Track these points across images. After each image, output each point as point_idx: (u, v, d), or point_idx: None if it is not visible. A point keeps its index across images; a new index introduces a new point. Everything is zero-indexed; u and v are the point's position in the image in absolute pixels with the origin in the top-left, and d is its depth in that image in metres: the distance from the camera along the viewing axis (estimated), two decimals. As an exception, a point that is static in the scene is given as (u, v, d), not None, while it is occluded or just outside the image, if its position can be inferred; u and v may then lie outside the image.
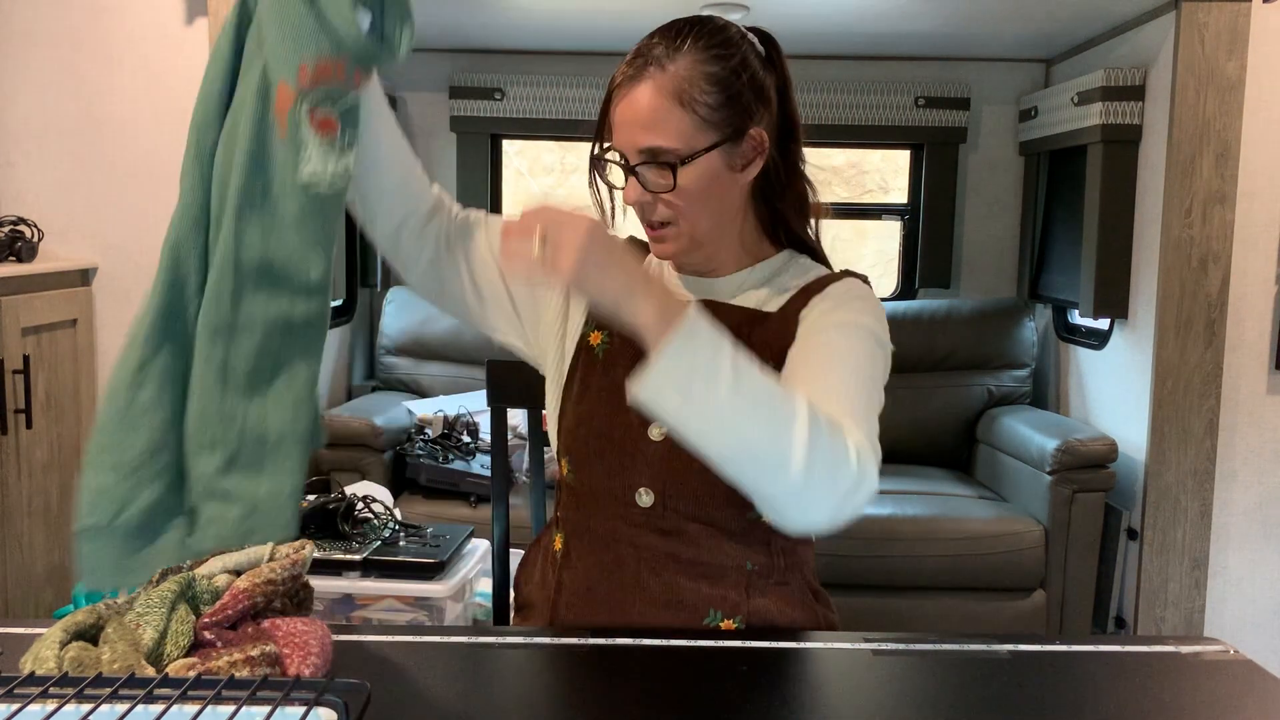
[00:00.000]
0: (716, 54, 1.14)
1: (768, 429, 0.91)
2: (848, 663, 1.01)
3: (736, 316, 1.17)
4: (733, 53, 1.14)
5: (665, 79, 1.12)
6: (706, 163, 1.13)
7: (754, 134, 1.16)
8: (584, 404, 1.21)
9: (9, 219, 2.62)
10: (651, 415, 0.94)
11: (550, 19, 3.03)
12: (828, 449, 0.92)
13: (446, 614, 1.93)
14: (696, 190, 1.13)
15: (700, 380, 0.90)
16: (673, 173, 1.11)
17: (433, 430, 2.99)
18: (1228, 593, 2.85)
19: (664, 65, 1.12)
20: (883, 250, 3.92)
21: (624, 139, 1.14)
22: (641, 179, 1.14)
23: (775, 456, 0.90)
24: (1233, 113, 2.62)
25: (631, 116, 1.13)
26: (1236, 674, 1.00)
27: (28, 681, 0.76)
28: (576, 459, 1.21)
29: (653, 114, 1.11)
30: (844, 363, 1.07)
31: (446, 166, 3.59)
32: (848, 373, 1.06)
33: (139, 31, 2.71)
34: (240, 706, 0.73)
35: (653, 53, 1.13)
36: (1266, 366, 2.77)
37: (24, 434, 2.45)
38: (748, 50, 1.16)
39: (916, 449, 3.36)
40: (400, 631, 1.08)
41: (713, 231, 1.18)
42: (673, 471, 1.14)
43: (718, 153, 1.13)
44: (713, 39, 1.14)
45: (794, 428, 0.91)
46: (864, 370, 1.08)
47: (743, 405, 0.90)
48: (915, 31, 3.13)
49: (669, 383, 0.91)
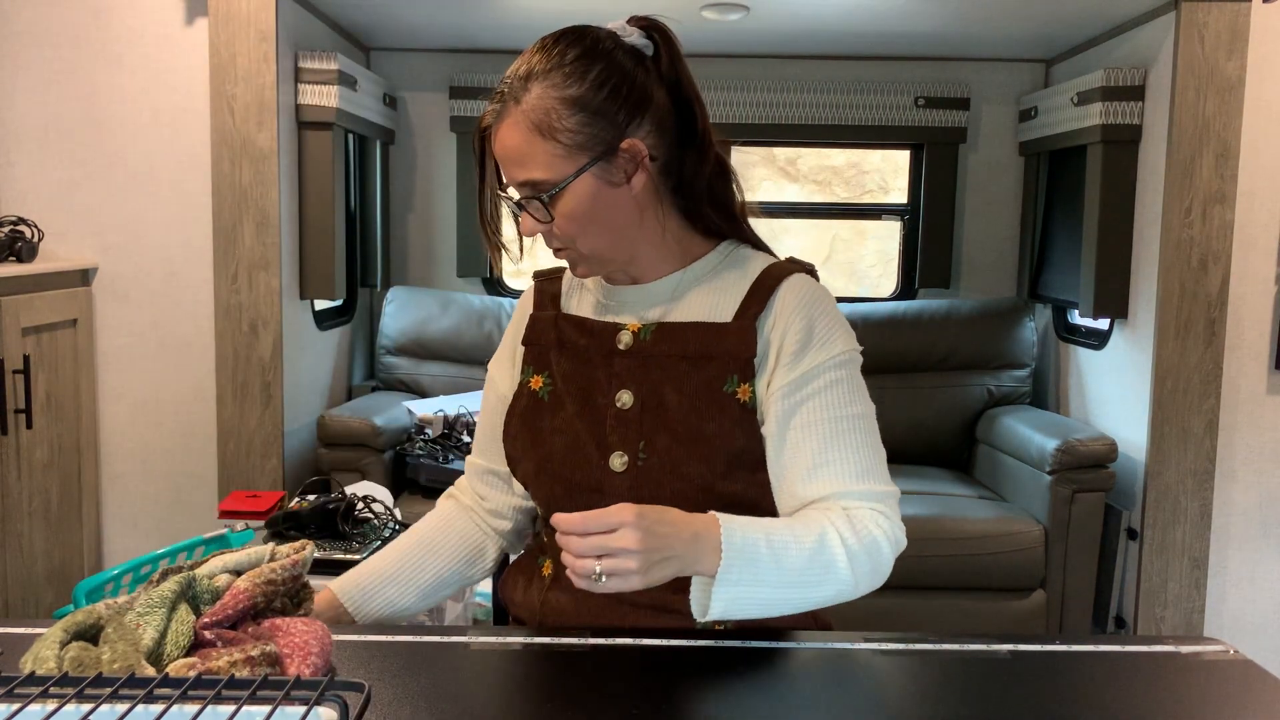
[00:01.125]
0: (570, 72, 1.10)
1: (818, 589, 1.07)
2: (848, 663, 1.01)
3: (694, 333, 1.17)
4: (590, 67, 1.10)
5: (522, 113, 1.10)
6: (580, 186, 1.12)
7: (626, 146, 1.12)
8: (540, 448, 1.21)
9: (9, 219, 2.62)
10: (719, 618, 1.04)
11: (550, 19, 3.02)
12: (867, 564, 1.09)
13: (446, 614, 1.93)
14: (578, 214, 1.13)
15: (754, 586, 1.03)
16: (544, 206, 1.12)
17: (433, 430, 2.99)
18: (1228, 593, 2.85)
19: (519, 99, 1.10)
20: (883, 250, 3.92)
21: (506, 175, 1.15)
22: (528, 208, 1.15)
23: (831, 598, 1.09)
24: (1233, 113, 2.62)
25: (502, 154, 1.13)
26: (1236, 674, 1.00)
27: (28, 681, 0.76)
28: (545, 501, 1.22)
29: (518, 150, 1.11)
30: (847, 430, 1.14)
31: (446, 166, 3.59)
32: (852, 437, 1.14)
33: (139, 31, 2.71)
34: (240, 706, 0.73)
35: (510, 86, 1.12)
36: (1266, 366, 2.77)
37: (24, 434, 2.45)
38: (615, 58, 1.12)
39: (916, 449, 3.36)
40: (400, 631, 1.08)
41: (615, 246, 1.17)
42: (640, 498, 1.12)
43: (589, 175, 1.11)
44: (565, 58, 1.11)
45: (838, 574, 1.07)
46: (860, 423, 1.15)
47: (793, 583, 1.05)
48: (915, 31, 3.13)
49: (730, 602, 1.03)
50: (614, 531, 0.98)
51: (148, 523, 2.86)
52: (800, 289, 1.17)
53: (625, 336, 1.19)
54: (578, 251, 1.16)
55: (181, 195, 2.76)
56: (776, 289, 1.17)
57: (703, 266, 1.21)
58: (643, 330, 1.19)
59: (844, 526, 1.08)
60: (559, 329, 1.24)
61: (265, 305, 2.68)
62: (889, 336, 3.38)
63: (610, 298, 1.24)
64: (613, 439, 1.16)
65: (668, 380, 1.16)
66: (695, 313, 1.19)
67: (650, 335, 1.18)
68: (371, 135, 3.31)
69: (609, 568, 0.98)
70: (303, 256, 2.92)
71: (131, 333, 2.79)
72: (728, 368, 1.15)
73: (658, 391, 1.16)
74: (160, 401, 2.82)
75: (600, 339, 1.21)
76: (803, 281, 1.18)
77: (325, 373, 3.21)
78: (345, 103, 2.92)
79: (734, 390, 1.15)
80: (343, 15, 3.07)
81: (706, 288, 1.20)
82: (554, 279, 1.31)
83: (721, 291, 1.19)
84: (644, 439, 1.15)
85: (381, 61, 3.54)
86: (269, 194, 2.65)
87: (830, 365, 1.14)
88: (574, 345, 1.22)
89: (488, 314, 3.45)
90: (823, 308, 1.17)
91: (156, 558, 2.24)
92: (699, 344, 1.16)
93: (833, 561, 1.06)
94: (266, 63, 2.62)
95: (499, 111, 1.13)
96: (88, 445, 2.76)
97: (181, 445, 2.83)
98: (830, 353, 1.15)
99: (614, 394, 1.18)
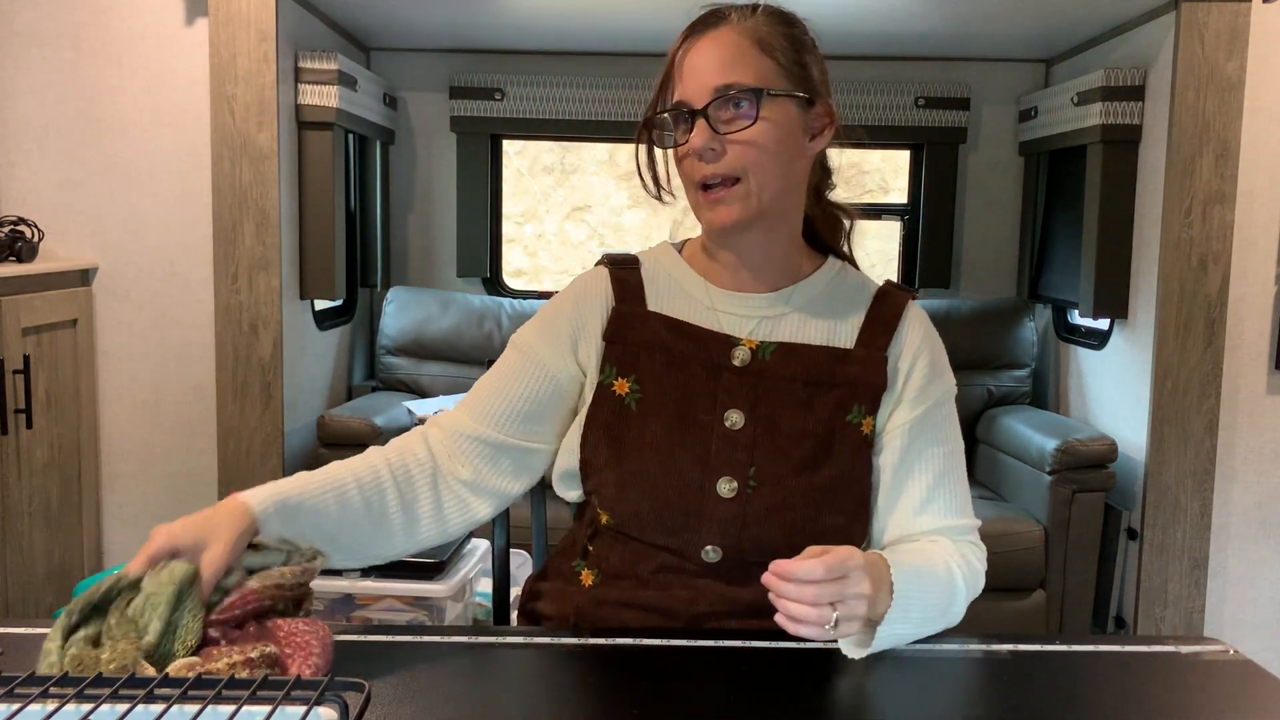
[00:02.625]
0: (792, 21, 1.13)
1: (942, 622, 1.10)
2: (848, 663, 1.01)
3: (820, 357, 1.12)
4: (802, 29, 1.14)
5: (745, 27, 1.09)
6: (785, 108, 1.08)
7: (824, 104, 1.12)
8: (628, 461, 1.11)
9: (9, 219, 2.62)
10: None
11: (550, 19, 3.03)
12: (972, 595, 1.14)
13: (446, 614, 1.93)
14: (773, 137, 1.06)
15: (906, 624, 1.04)
16: (755, 105, 1.05)
17: (433, 430, 2.99)
18: (1227, 593, 2.85)
19: (744, 18, 1.10)
20: (883, 250, 3.92)
21: (696, 83, 1.07)
22: (713, 120, 1.06)
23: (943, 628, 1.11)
24: (1233, 113, 2.62)
25: (709, 58, 1.07)
26: (1236, 674, 1.00)
27: (28, 681, 0.76)
28: (624, 515, 1.12)
29: (735, 52, 1.07)
30: (954, 466, 1.16)
31: (446, 166, 3.59)
32: (957, 472, 1.16)
33: (139, 31, 2.71)
34: (240, 706, 0.73)
35: (726, 11, 1.11)
36: (1266, 366, 2.77)
37: (24, 434, 2.45)
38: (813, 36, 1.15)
39: (916, 449, 3.35)
40: (400, 631, 1.08)
41: (776, 204, 1.10)
42: (746, 528, 1.09)
43: (795, 104, 1.09)
44: (781, 10, 1.14)
45: (958, 608, 1.12)
46: (961, 458, 1.18)
47: (932, 619, 1.08)
48: (915, 31, 3.13)
49: (888, 640, 1.03)
50: (846, 578, 0.95)
51: (148, 523, 2.86)
52: (923, 320, 1.18)
53: (742, 352, 1.12)
54: (745, 185, 1.07)
55: (181, 195, 2.76)
56: (901, 318, 1.16)
57: (814, 284, 1.16)
58: (762, 348, 1.12)
59: (961, 563, 1.11)
60: (651, 329, 1.14)
61: (265, 305, 2.68)
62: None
63: (714, 301, 1.15)
64: (719, 461, 1.09)
65: (785, 405, 1.11)
66: (812, 334, 1.14)
67: (771, 355, 1.12)
68: (371, 135, 3.31)
69: (844, 613, 0.95)
70: (303, 256, 2.92)
71: (131, 333, 2.79)
72: (854, 397, 1.12)
73: (772, 415, 1.11)
74: (160, 401, 2.82)
75: (708, 349, 1.13)
76: (921, 312, 1.19)
77: (325, 373, 3.21)
78: (345, 103, 2.92)
79: (858, 421, 1.12)
80: (343, 15, 3.07)
81: (821, 308, 1.15)
82: (632, 268, 1.19)
83: (837, 314, 1.15)
84: (755, 465, 1.09)
85: (381, 61, 3.54)
86: (269, 194, 2.65)
87: (945, 399, 1.17)
88: (671, 351, 1.13)
89: (488, 314, 3.45)
90: (937, 340, 1.19)
91: (156, 558, 2.24)
92: (821, 369, 1.12)
93: (955, 597, 1.10)
94: (266, 63, 2.62)
95: (713, 24, 1.10)
96: (88, 445, 2.76)
97: (181, 445, 2.83)
98: (945, 386, 1.17)
99: (721, 412, 1.11)
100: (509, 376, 1.18)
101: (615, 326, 1.15)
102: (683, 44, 1.10)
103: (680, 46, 1.11)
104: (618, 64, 3.46)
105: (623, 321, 1.15)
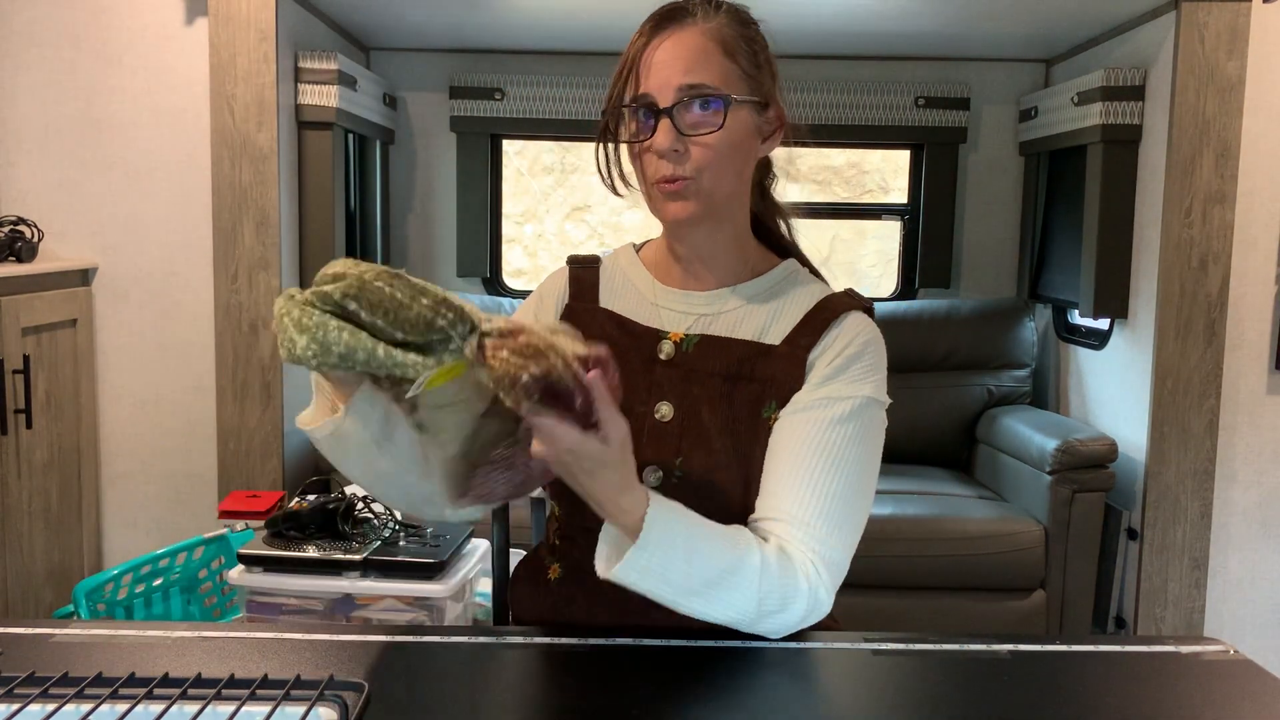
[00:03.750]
0: (748, 21, 1.14)
1: (714, 605, 1.00)
2: (848, 663, 1.01)
3: (738, 351, 1.13)
4: (758, 29, 1.15)
5: (710, 28, 1.10)
6: (744, 113, 1.10)
7: (776, 107, 1.15)
8: None
9: (9, 219, 2.62)
10: None
11: (550, 19, 3.03)
12: (778, 599, 1.01)
13: (446, 614, 1.93)
14: (731, 141, 1.09)
15: (663, 571, 0.97)
16: (724, 111, 1.07)
17: (433, 430, 2.99)
18: (1228, 593, 2.85)
19: (705, 18, 1.11)
20: (883, 250, 3.92)
21: (660, 80, 1.08)
22: (678, 120, 1.08)
23: (730, 619, 1.02)
24: (1233, 113, 2.62)
25: (674, 56, 1.08)
26: (1236, 674, 1.00)
27: (28, 681, 0.76)
28: (566, 505, 1.17)
29: (701, 55, 1.08)
30: (835, 468, 1.06)
31: (446, 166, 3.60)
32: (835, 479, 1.06)
33: (139, 31, 2.71)
34: (240, 706, 0.73)
35: (690, 7, 1.12)
36: (1266, 366, 2.77)
37: (24, 434, 2.45)
38: None
39: (916, 449, 3.36)
40: (400, 631, 1.08)
41: (727, 202, 1.13)
42: None
43: (750, 109, 1.11)
44: (742, 11, 1.15)
45: (745, 593, 1.00)
46: (849, 472, 1.07)
47: (698, 585, 0.99)
48: (915, 31, 3.13)
49: (636, 573, 0.97)
50: (592, 426, 0.92)
51: (148, 523, 2.86)
52: (861, 329, 1.13)
53: (667, 345, 1.15)
54: (699, 183, 1.09)
55: (181, 195, 2.76)
56: (833, 323, 1.13)
57: (760, 283, 1.18)
58: (685, 341, 1.15)
59: (773, 553, 1.02)
60: (599, 324, 1.19)
61: (265, 305, 2.68)
62: (889, 336, 3.32)
63: (658, 298, 1.19)
64: (648, 452, 1.12)
65: (706, 397, 1.12)
66: (742, 330, 1.15)
67: (692, 347, 1.14)
68: (371, 135, 3.31)
69: (538, 430, 0.91)
70: (303, 256, 2.92)
71: (131, 333, 2.79)
72: (768, 393, 1.12)
73: (696, 407, 1.12)
74: (160, 401, 2.82)
75: (642, 343, 1.16)
76: (861, 321, 1.15)
77: (325, 373, 3.21)
78: (345, 103, 2.92)
79: (771, 416, 1.11)
80: (343, 15, 3.07)
81: (759, 306, 1.16)
82: (591, 267, 1.25)
83: (773, 313, 1.16)
84: (681, 455, 1.11)
85: (381, 61, 3.54)
86: (269, 194, 2.66)
87: (849, 403, 1.09)
88: (613, 344, 1.15)
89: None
90: (871, 350, 1.13)
91: (156, 557, 2.24)
92: (741, 363, 1.13)
93: (743, 582, 1.00)
94: (266, 63, 2.62)
95: (678, 21, 1.10)
96: (88, 445, 2.76)
97: (181, 445, 2.83)
98: (856, 392, 1.09)
99: (653, 404, 1.13)
100: None
101: (565, 320, 1.20)
102: (645, 38, 1.11)
103: (642, 41, 1.12)
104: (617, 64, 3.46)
105: (573, 316, 1.21)
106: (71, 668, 0.91)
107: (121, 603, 2.14)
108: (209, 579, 2.33)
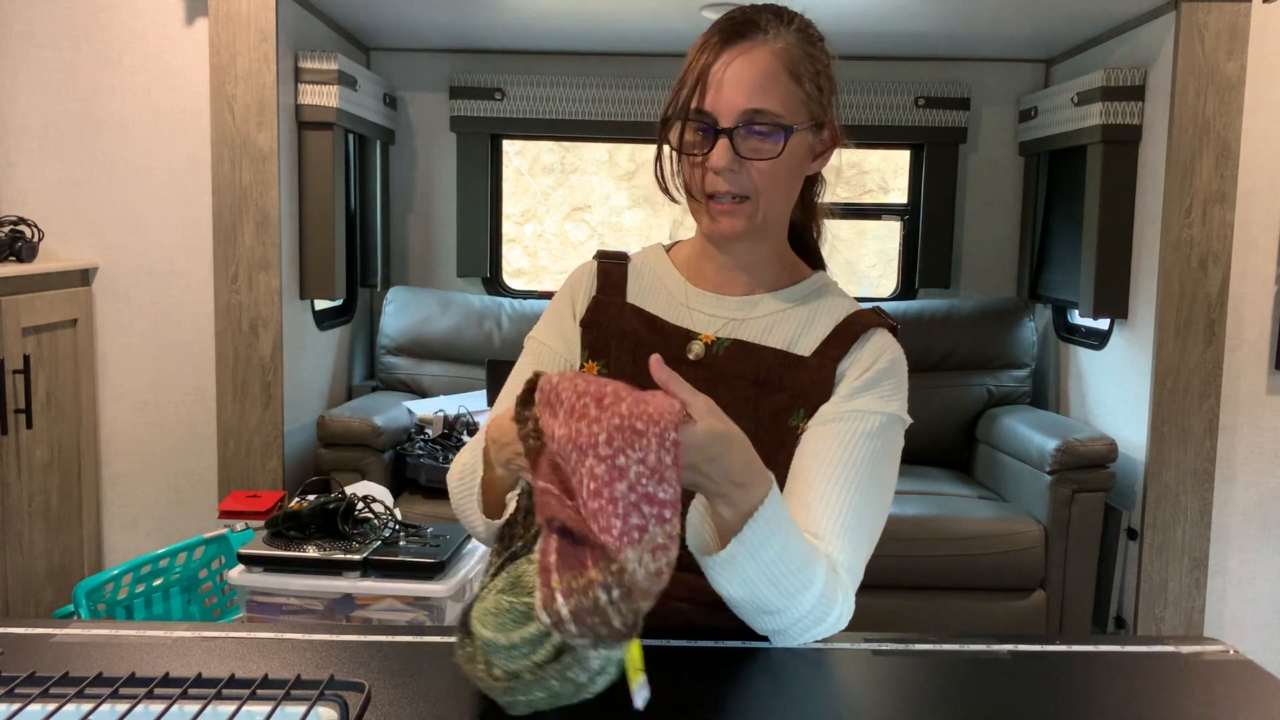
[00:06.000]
0: (815, 38, 1.14)
1: (793, 597, 0.97)
2: (848, 663, 1.01)
3: (768, 359, 1.13)
4: (822, 47, 1.15)
5: (780, 48, 1.09)
6: (802, 140, 1.12)
7: (831, 126, 1.16)
8: None
9: (9, 219, 2.62)
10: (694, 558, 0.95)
11: (550, 19, 3.03)
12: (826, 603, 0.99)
13: (446, 614, 1.93)
14: (787, 167, 1.10)
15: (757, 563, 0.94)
16: (784, 140, 1.08)
17: (433, 430, 2.99)
18: (1228, 593, 2.85)
19: (779, 35, 1.10)
20: (883, 250, 3.92)
21: (725, 100, 1.08)
22: (738, 143, 1.08)
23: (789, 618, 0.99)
24: (1233, 113, 2.62)
25: (741, 76, 1.08)
26: (1236, 674, 1.00)
27: (28, 681, 0.76)
28: None
29: (769, 79, 1.08)
30: (861, 482, 1.07)
31: (446, 166, 3.60)
32: (859, 492, 1.06)
33: (139, 31, 2.71)
34: (240, 706, 0.73)
35: (762, 22, 1.11)
36: (1266, 366, 2.77)
37: (24, 434, 2.45)
38: None
39: (916, 449, 3.33)
40: (400, 631, 1.08)
41: (777, 221, 1.15)
42: None
43: (807, 133, 1.12)
44: (810, 27, 1.14)
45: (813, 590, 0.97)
46: (873, 489, 1.08)
47: (784, 574, 0.95)
48: (915, 31, 3.13)
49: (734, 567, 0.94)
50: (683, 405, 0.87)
51: (148, 523, 2.86)
52: (888, 347, 1.15)
53: (697, 346, 1.15)
54: (754, 204, 1.10)
55: (181, 195, 2.76)
56: (863, 337, 1.15)
57: (793, 293, 1.18)
58: (716, 344, 1.14)
59: (826, 565, 1.01)
60: (626, 319, 1.19)
61: (265, 305, 2.68)
62: (889, 336, 3.37)
63: (689, 299, 1.19)
64: None
65: (732, 400, 1.11)
66: (773, 336, 1.15)
67: (723, 350, 1.14)
68: (371, 135, 3.31)
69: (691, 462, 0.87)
70: (303, 256, 2.92)
71: (131, 333, 2.79)
72: (797, 402, 1.12)
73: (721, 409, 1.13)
74: (160, 401, 2.82)
75: (670, 342, 1.16)
76: (889, 339, 1.17)
77: (325, 373, 3.21)
78: (345, 103, 2.92)
79: (799, 424, 1.12)
80: (343, 15, 3.07)
81: (791, 314, 1.17)
82: (619, 263, 1.24)
83: (804, 324, 1.16)
84: None
85: (381, 61, 3.54)
86: (269, 194, 2.66)
87: (878, 418, 1.11)
88: (638, 340, 1.17)
89: (488, 314, 3.46)
90: (899, 369, 1.15)
91: (156, 557, 2.24)
92: (771, 371, 1.12)
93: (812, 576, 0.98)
94: (266, 63, 2.62)
95: (749, 38, 1.09)
96: (88, 445, 2.76)
97: (181, 445, 2.83)
98: (884, 408, 1.11)
99: None
100: (525, 373, 1.20)
101: (592, 313, 1.20)
102: (714, 53, 1.10)
103: (711, 54, 1.10)
104: (618, 64, 3.46)
105: (599, 309, 1.20)
106: (72, 668, 0.91)
107: (122, 603, 2.14)
108: (209, 579, 2.33)
